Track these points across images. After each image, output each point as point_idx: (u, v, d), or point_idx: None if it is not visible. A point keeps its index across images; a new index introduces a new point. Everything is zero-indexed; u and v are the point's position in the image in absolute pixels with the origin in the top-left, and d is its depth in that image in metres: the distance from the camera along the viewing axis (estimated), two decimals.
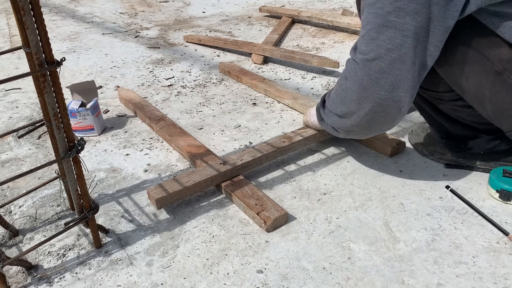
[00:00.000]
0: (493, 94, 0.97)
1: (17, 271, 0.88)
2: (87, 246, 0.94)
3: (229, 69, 1.88)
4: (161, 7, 3.32)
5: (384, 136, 1.26)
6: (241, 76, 1.81)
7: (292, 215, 1.01)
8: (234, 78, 1.85)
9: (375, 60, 0.89)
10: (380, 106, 0.93)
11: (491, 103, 0.99)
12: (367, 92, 0.92)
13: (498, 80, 0.95)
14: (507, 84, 0.94)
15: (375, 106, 0.93)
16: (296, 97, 1.56)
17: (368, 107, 0.94)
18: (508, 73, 0.93)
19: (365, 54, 0.91)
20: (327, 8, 3.07)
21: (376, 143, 1.25)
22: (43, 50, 0.70)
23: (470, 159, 1.17)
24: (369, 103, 0.93)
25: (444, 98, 1.11)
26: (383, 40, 0.88)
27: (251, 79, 1.75)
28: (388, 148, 1.22)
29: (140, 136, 1.41)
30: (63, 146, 0.78)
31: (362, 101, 0.94)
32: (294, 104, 1.54)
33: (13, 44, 2.45)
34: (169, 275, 0.86)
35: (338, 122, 1.05)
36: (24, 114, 1.59)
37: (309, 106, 1.47)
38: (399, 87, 0.90)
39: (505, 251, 0.89)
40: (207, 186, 1.08)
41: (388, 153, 1.23)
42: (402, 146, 1.25)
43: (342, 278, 0.84)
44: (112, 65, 2.09)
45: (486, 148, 1.14)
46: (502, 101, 0.97)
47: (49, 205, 1.08)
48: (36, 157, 1.30)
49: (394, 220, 0.99)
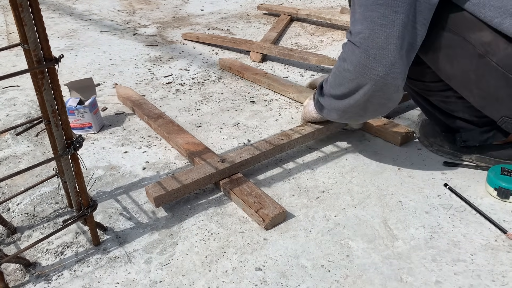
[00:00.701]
0: (478, 77, 0.98)
1: (15, 269, 0.88)
2: (85, 243, 0.94)
3: (230, 65, 1.88)
4: (159, 4, 3.31)
5: (394, 125, 1.30)
6: (242, 71, 1.81)
7: (291, 213, 1.01)
8: (236, 73, 1.85)
9: (370, 37, 0.91)
10: (378, 85, 0.93)
11: (477, 87, 1.00)
12: (365, 69, 0.93)
13: (481, 63, 0.96)
14: (491, 67, 0.95)
15: (374, 84, 0.93)
16: (301, 90, 1.57)
17: (367, 86, 0.94)
18: (490, 55, 0.94)
19: (360, 33, 0.93)
20: (326, 6, 3.07)
21: (386, 132, 1.28)
22: (41, 47, 0.69)
23: (466, 152, 1.18)
24: (368, 81, 0.94)
25: (432, 89, 1.13)
26: (377, 17, 0.90)
27: (253, 74, 1.76)
28: (398, 137, 1.25)
29: (139, 133, 1.40)
30: (61, 143, 0.78)
31: (360, 80, 0.95)
32: (299, 98, 1.55)
33: (11, 41, 2.44)
34: (167, 272, 0.86)
35: (334, 104, 1.06)
36: (22, 111, 1.59)
37: None
38: (396, 63, 0.91)
39: (503, 248, 0.89)
40: (205, 184, 1.08)
41: (398, 142, 1.26)
42: (411, 136, 1.28)
43: (340, 275, 0.84)
44: (110, 62, 2.08)
45: (480, 140, 1.14)
46: (487, 84, 0.98)
47: (47, 203, 1.08)
48: (34, 155, 1.30)
49: (392, 217, 0.99)
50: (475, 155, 1.17)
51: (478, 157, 1.17)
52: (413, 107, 1.51)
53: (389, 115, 1.44)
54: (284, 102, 1.59)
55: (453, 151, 1.20)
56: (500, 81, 0.96)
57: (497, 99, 1.00)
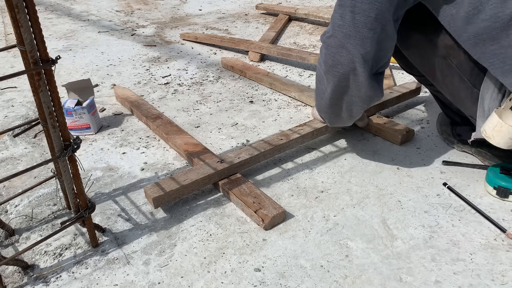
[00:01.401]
0: (443, 77, 1.03)
1: (13, 271, 0.87)
2: (83, 245, 0.94)
3: (232, 64, 1.90)
4: (157, 4, 3.30)
5: (394, 124, 1.30)
6: (244, 70, 1.82)
7: (290, 213, 1.01)
8: (238, 72, 1.86)
9: (331, 37, 0.94)
10: (341, 78, 0.96)
11: (445, 86, 1.05)
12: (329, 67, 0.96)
13: (445, 64, 1.00)
14: (452, 68, 0.99)
15: (337, 78, 0.96)
16: (303, 89, 1.58)
17: (332, 81, 0.98)
18: (451, 58, 0.98)
19: (325, 34, 0.97)
20: (324, 5, 3.07)
21: (386, 131, 1.29)
22: (37, 48, 0.69)
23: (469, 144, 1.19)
24: (332, 77, 0.97)
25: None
26: (336, 17, 0.93)
27: (255, 73, 1.77)
28: (398, 136, 1.26)
29: (137, 134, 1.40)
30: (58, 145, 0.78)
31: (328, 75, 0.98)
32: (300, 97, 1.56)
33: (9, 42, 2.44)
34: (166, 274, 0.86)
35: (318, 105, 1.10)
36: (19, 113, 1.58)
37: None
38: (355, 61, 0.93)
39: (503, 248, 0.89)
40: (204, 185, 1.07)
41: (399, 141, 1.26)
42: (411, 134, 1.29)
43: (339, 276, 0.84)
44: (109, 63, 2.08)
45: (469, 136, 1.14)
46: (451, 84, 1.02)
47: (45, 204, 1.07)
48: (32, 156, 1.29)
49: (391, 217, 0.99)
50: (474, 149, 1.19)
51: (477, 150, 1.18)
52: (412, 106, 1.50)
53: (388, 114, 1.44)
54: (282, 102, 1.59)
55: (457, 142, 1.23)
56: (460, 83, 0.99)
57: (461, 99, 1.03)
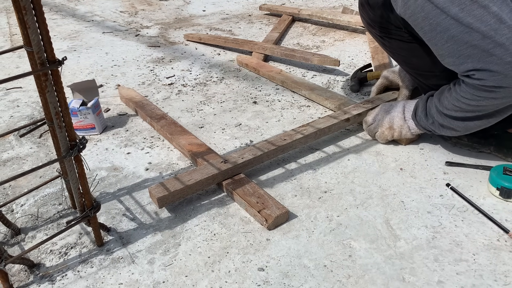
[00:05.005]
0: None
1: (19, 270, 0.88)
2: (89, 244, 0.95)
3: (247, 62, 1.96)
4: (161, 5, 3.31)
5: None
6: (258, 68, 1.87)
7: (293, 213, 1.02)
8: (252, 70, 1.92)
9: None
10: None
11: None
12: None
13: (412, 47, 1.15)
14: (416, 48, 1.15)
15: None
16: (313, 88, 1.61)
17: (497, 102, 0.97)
18: None
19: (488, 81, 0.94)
20: (327, 6, 3.07)
21: None
22: (44, 49, 0.70)
23: (484, 144, 1.19)
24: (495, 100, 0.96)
25: None
26: None
27: (268, 71, 1.82)
28: None
29: (141, 134, 1.41)
30: (64, 145, 0.79)
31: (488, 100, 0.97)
32: (310, 95, 1.59)
33: (14, 43, 2.45)
34: (170, 273, 0.87)
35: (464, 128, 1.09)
36: (25, 113, 1.59)
37: (325, 97, 1.52)
38: None
39: (506, 248, 0.89)
40: (208, 185, 1.08)
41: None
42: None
43: (343, 275, 0.84)
44: (113, 64, 2.09)
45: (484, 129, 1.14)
46: None
47: (51, 204, 1.08)
48: (37, 156, 1.30)
49: (394, 218, 0.99)
50: (493, 146, 1.18)
51: (496, 148, 1.18)
52: None
53: None
54: (286, 102, 1.59)
55: (471, 143, 1.21)
56: None
57: None
